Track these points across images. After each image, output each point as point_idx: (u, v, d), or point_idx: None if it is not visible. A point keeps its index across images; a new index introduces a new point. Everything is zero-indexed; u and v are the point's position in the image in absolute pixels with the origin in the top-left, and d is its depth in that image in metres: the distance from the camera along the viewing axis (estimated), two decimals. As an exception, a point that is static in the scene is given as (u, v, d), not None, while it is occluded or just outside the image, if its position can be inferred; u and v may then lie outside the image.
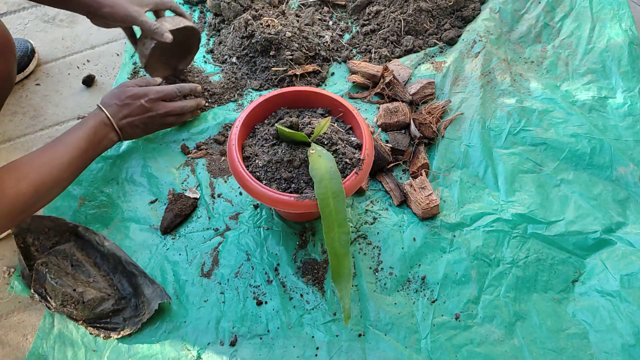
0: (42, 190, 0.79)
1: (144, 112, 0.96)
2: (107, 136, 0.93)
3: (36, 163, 0.80)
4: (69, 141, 0.86)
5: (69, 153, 0.85)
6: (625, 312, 0.85)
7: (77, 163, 0.87)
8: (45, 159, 0.81)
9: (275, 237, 0.97)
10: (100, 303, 0.88)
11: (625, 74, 1.14)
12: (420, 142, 1.06)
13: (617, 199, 0.99)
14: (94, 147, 0.90)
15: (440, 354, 0.84)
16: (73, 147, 0.86)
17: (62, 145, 0.85)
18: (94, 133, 0.89)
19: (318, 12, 1.32)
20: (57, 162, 0.83)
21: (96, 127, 0.90)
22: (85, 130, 0.89)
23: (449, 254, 0.94)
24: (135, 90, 0.95)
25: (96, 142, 0.90)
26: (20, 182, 0.76)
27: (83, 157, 0.88)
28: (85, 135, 0.88)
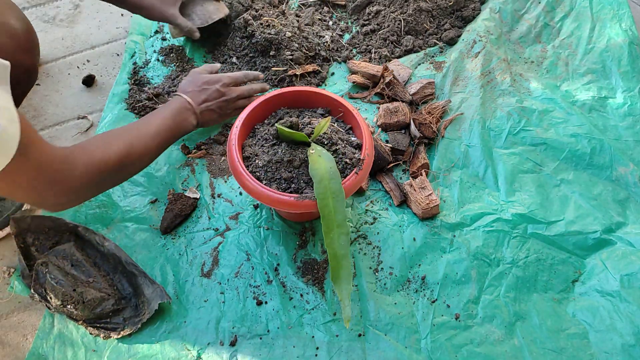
0: (128, 160, 0.81)
1: (219, 96, 0.99)
2: (188, 119, 0.95)
3: (124, 135, 0.83)
4: (154, 119, 0.89)
5: (154, 129, 0.87)
6: (625, 312, 0.85)
7: (161, 139, 0.88)
8: (132, 132, 0.84)
9: (275, 237, 0.97)
10: (100, 303, 0.88)
11: (625, 74, 1.14)
12: (420, 142, 1.06)
13: (617, 199, 0.99)
14: (177, 126, 0.92)
15: (440, 354, 0.84)
16: (159, 124, 0.89)
17: (148, 123, 0.88)
18: (177, 113, 0.93)
19: (318, 12, 1.32)
20: (144, 136, 0.85)
21: (180, 109, 0.94)
22: (169, 110, 0.92)
23: (449, 254, 0.94)
24: (210, 77, 1.00)
25: (179, 122, 0.93)
26: (108, 150, 0.78)
27: (167, 134, 0.90)
28: (170, 114, 0.91)
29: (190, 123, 0.95)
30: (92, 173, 0.75)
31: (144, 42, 1.27)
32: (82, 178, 0.74)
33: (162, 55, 1.24)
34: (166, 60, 1.23)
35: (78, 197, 0.77)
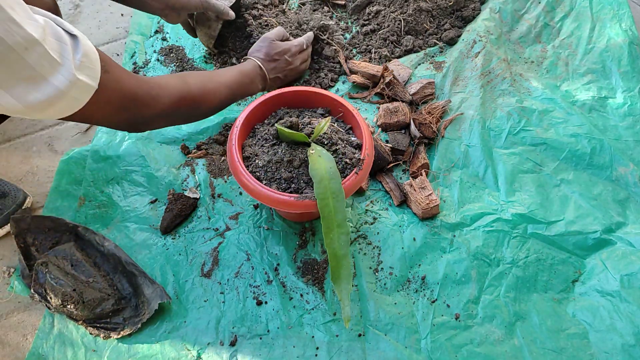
0: (202, 100, 0.87)
1: (287, 66, 1.05)
2: (257, 83, 1.00)
3: (200, 77, 0.89)
4: (229, 72, 0.95)
5: (227, 79, 0.93)
6: (625, 312, 0.85)
7: (231, 91, 0.93)
8: (207, 77, 0.90)
9: (275, 237, 0.97)
10: (100, 303, 0.88)
11: (625, 74, 1.14)
12: (420, 142, 1.06)
13: (617, 199, 0.99)
14: (246, 85, 0.97)
15: (440, 354, 0.84)
16: (231, 77, 0.94)
17: (222, 74, 0.94)
18: (249, 74, 0.98)
19: (318, 11, 1.32)
20: (217, 83, 0.91)
21: (252, 71, 0.99)
22: (243, 69, 0.98)
23: (449, 254, 0.94)
24: (281, 46, 1.04)
25: (248, 83, 0.98)
26: (188, 83, 0.85)
27: (237, 88, 0.95)
28: (243, 73, 0.97)
29: (257, 87, 1.00)
30: (172, 101, 0.81)
31: (144, 42, 1.27)
32: (163, 103, 0.80)
33: (162, 55, 1.24)
34: (166, 60, 1.23)
35: (159, 122, 0.84)
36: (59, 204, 1.01)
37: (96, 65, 0.65)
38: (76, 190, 1.03)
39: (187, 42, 1.26)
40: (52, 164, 1.09)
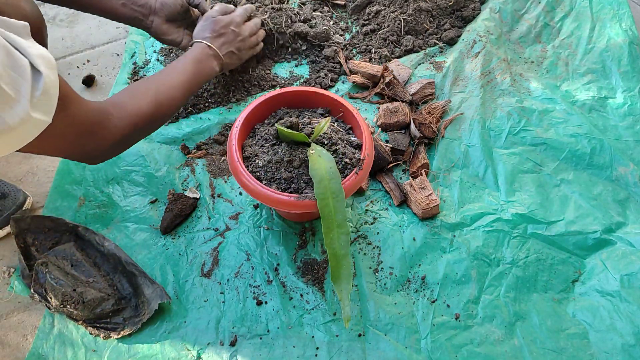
0: (157, 112, 0.83)
1: (235, 37, 1.01)
2: (211, 64, 0.96)
3: (150, 87, 0.85)
4: (178, 68, 0.91)
5: (179, 78, 0.89)
6: (625, 312, 0.85)
7: (186, 88, 0.90)
8: (158, 83, 0.86)
9: (275, 237, 0.97)
10: (100, 303, 0.88)
11: (625, 74, 1.14)
12: (420, 142, 1.06)
13: (617, 199, 0.99)
14: (200, 73, 0.93)
15: (440, 354, 0.84)
16: (182, 72, 0.90)
17: (172, 72, 0.89)
18: (200, 60, 0.94)
19: (317, 11, 1.32)
20: (169, 86, 0.87)
21: (202, 55, 0.95)
22: (191, 58, 0.93)
23: (449, 254, 0.94)
24: (225, 19, 1.00)
25: (202, 69, 0.94)
26: (138, 103, 0.81)
27: (192, 81, 0.91)
28: (192, 61, 0.92)
29: (213, 68, 0.97)
30: (127, 126, 0.78)
31: (144, 42, 1.27)
32: (118, 131, 0.77)
33: (162, 55, 1.24)
34: (166, 60, 1.23)
35: (114, 150, 0.81)
36: (59, 204, 1.01)
37: (54, 101, 0.61)
38: (76, 190, 1.03)
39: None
40: (52, 164, 1.09)
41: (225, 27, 0.99)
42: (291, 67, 1.22)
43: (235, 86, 1.17)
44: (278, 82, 1.19)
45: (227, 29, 0.99)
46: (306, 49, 1.23)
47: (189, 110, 1.14)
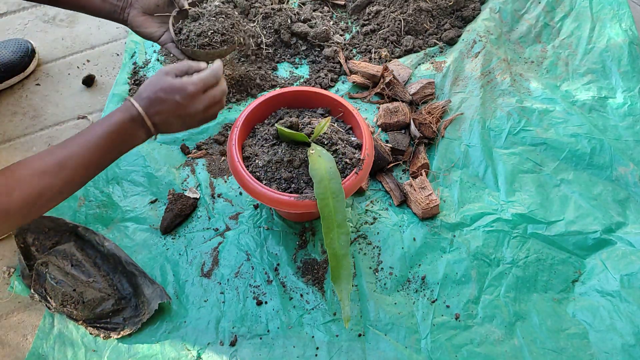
0: (47, 196, 0.71)
1: (178, 108, 0.78)
2: (136, 134, 0.78)
3: (41, 166, 0.71)
4: (88, 140, 0.75)
5: (86, 154, 0.74)
6: (625, 312, 0.85)
7: (95, 165, 0.75)
8: (54, 160, 0.72)
9: (275, 237, 0.97)
10: (100, 303, 0.88)
11: (625, 74, 1.14)
12: (420, 142, 1.06)
13: (617, 199, 0.99)
14: (117, 146, 0.77)
15: (440, 354, 0.84)
16: (91, 148, 0.74)
17: (78, 146, 0.74)
18: (118, 131, 0.76)
19: (317, 11, 1.32)
20: (70, 163, 0.72)
21: (123, 123, 0.76)
22: (109, 127, 0.76)
23: (449, 254, 0.94)
24: (170, 83, 0.77)
25: (120, 142, 0.77)
26: (14, 190, 0.67)
27: (102, 158, 0.76)
28: (108, 133, 0.75)
29: (138, 137, 0.79)
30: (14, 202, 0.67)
31: (144, 42, 1.26)
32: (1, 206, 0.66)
33: (162, 55, 1.24)
34: (166, 61, 1.23)
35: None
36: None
37: None
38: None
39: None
40: (52, 164, 1.09)
41: (167, 92, 0.76)
42: (291, 67, 1.22)
43: (236, 86, 1.17)
44: (278, 82, 1.19)
45: (170, 95, 0.76)
46: (306, 49, 1.23)
47: (189, 110, 1.14)
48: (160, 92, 0.76)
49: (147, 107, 0.77)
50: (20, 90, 1.20)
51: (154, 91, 0.77)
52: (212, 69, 0.80)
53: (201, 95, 0.79)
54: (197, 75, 0.78)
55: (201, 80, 0.78)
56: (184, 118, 0.79)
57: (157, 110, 0.77)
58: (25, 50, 1.19)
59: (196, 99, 0.78)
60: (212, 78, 0.80)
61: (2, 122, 1.15)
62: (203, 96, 0.79)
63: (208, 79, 0.79)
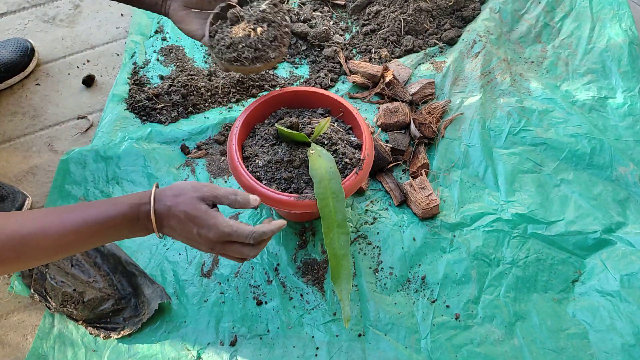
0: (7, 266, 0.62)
1: (190, 237, 0.67)
2: (135, 233, 0.68)
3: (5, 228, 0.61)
4: (80, 219, 0.64)
5: (69, 234, 0.63)
6: (625, 312, 0.85)
7: (67, 246, 0.64)
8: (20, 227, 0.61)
9: (275, 237, 0.97)
10: (100, 303, 0.88)
11: (625, 74, 1.14)
12: (420, 142, 1.06)
13: (617, 199, 0.99)
14: (109, 234, 0.67)
15: (440, 354, 0.84)
16: (79, 228, 0.64)
17: (60, 220, 0.63)
18: (126, 226, 0.66)
19: (317, 11, 1.32)
20: (38, 238, 0.61)
21: (135, 221, 0.66)
22: (109, 215, 0.65)
23: (449, 254, 0.94)
24: (198, 215, 0.65)
25: (115, 231, 0.66)
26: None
27: (83, 243, 0.65)
28: (104, 220, 0.65)
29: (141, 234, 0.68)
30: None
31: (144, 42, 1.26)
32: None
33: (162, 55, 1.24)
34: (166, 60, 1.23)
35: None
36: (59, 204, 1.01)
37: None
38: (76, 190, 1.03)
39: (187, 42, 1.26)
40: (52, 164, 1.09)
41: (192, 222, 0.66)
42: (291, 67, 1.22)
43: (236, 86, 1.17)
44: (278, 82, 1.19)
45: (193, 226, 0.66)
46: (306, 49, 1.23)
47: (189, 110, 1.14)
48: (182, 213, 0.65)
49: (164, 215, 0.66)
50: (20, 90, 1.20)
51: (182, 211, 0.65)
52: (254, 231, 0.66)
53: (221, 244, 0.67)
54: (233, 228, 0.65)
55: (230, 234, 0.66)
56: (191, 242, 0.69)
57: (172, 224, 0.67)
58: (25, 50, 1.19)
59: (212, 242, 0.67)
60: (249, 238, 0.67)
61: (2, 122, 1.15)
62: (223, 245, 0.68)
63: (245, 235, 0.66)
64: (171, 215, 0.66)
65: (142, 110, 1.13)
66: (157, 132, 1.09)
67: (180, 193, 0.66)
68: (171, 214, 0.66)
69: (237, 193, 0.69)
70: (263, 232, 0.67)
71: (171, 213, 0.66)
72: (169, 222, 0.67)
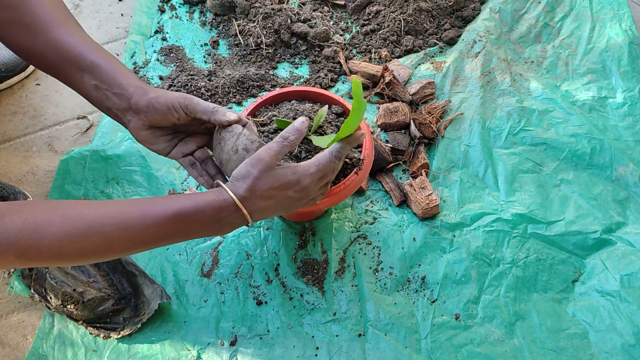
0: (66, 252, 0.58)
1: (288, 202, 0.67)
2: (218, 228, 0.65)
3: (83, 217, 0.58)
4: (162, 211, 0.61)
5: (150, 227, 0.61)
6: (625, 312, 0.85)
7: (145, 242, 0.62)
8: (99, 216, 0.59)
9: (275, 237, 0.97)
10: (100, 303, 0.88)
11: (625, 74, 1.14)
12: (420, 142, 1.06)
13: (617, 199, 0.99)
14: (185, 232, 0.64)
15: (440, 354, 0.84)
16: (159, 222, 0.61)
17: (140, 212, 0.61)
18: (206, 219, 0.63)
19: (317, 11, 1.32)
20: (118, 230, 0.59)
21: (216, 212, 0.63)
22: (197, 200, 0.62)
23: (449, 254, 0.94)
24: (287, 178, 0.64)
25: (198, 226, 0.63)
26: (30, 230, 0.56)
27: (161, 239, 0.63)
28: (189, 209, 0.62)
29: (223, 229, 0.66)
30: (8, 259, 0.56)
31: (144, 42, 1.27)
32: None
33: (162, 55, 1.24)
34: (166, 60, 1.23)
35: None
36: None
37: None
38: (76, 190, 1.03)
39: (187, 42, 1.27)
40: (52, 164, 1.09)
41: (280, 189, 0.64)
42: (291, 67, 1.22)
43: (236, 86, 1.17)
44: (278, 82, 1.19)
45: (284, 192, 0.65)
46: (306, 49, 1.23)
47: (189, 110, 1.14)
48: (270, 190, 0.64)
49: (248, 201, 0.64)
50: (20, 90, 1.20)
51: (261, 189, 0.63)
52: (333, 152, 0.67)
53: (315, 184, 0.67)
54: (316, 165, 0.66)
55: (318, 169, 0.66)
56: (290, 208, 0.69)
57: (262, 206, 0.65)
58: (25, 50, 1.19)
59: (309, 190, 0.66)
60: (333, 163, 0.67)
61: (2, 122, 1.15)
62: (317, 186, 0.67)
63: (328, 164, 0.67)
64: (256, 198, 0.63)
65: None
66: (157, 132, 1.09)
67: (247, 175, 0.63)
68: (256, 197, 0.63)
69: (288, 135, 0.66)
70: (340, 148, 0.68)
71: (256, 196, 0.63)
72: (258, 206, 0.64)
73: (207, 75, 1.18)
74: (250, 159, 0.64)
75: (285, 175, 0.64)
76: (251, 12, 1.24)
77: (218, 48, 1.26)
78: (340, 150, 0.68)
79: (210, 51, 1.25)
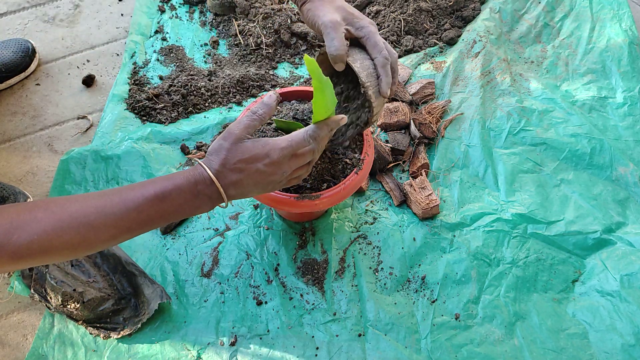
0: (55, 245, 0.58)
1: (260, 177, 0.67)
2: (197, 204, 0.65)
3: (66, 210, 0.59)
4: (140, 195, 0.62)
5: (131, 212, 0.61)
6: (625, 312, 0.85)
7: (129, 227, 0.62)
8: (81, 207, 0.60)
9: (275, 237, 0.97)
10: (100, 303, 0.88)
11: (625, 74, 1.14)
12: (420, 142, 1.06)
13: (617, 199, 0.99)
14: (166, 213, 0.64)
15: (440, 354, 0.84)
16: (140, 205, 0.61)
17: (120, 198, 0.61)
18: (181, 190, 0.64)
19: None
20: (100, 218, 0.60)
21: (192, 183, 0.64)
22: (176, 179, 0.64)
23: (449, 254, 0.94)
24: (253, 151, 0.65)
25: (174, 205, 0.64)
26: (18, 229, 0.56)
27: (142, 222, 0.63)
28: (167, 188, 0.63)
29: (198, 208, 0.66)
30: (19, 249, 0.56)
31: (144, 42, 1.27)
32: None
33: (162, 55, 1.24)
34: (166, 60, 1.23)
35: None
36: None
37: None
38: (76, 190, 1.03)
39: (187, 42, 1.27)
40: (52, 164, 1.09)
41: (249, 162, 0.65)
42: (291, 67, 1.22)
43: (236, 86, 1.17)
44: (278, 82, 1.19)
45: (253, 164, 0.65)
46: (306, 49, 1.23)
47: (189, 110, 1.14)
48: (239, 163, 0.65)
49: (221, 175, 0.65)
50: (20, 90, 1.20)
51: (230, 161, 0.65)
52: (308, 132, 0.67)
53: (290, 159, 0.67)
54: (288, 140, 0.66)
55: (289, 145, 0.66)
56: (265, 185, 0.68)
57: (233, 180, 0.65)
58: (26, 50, 1.19)
59: (282, 165, 0.66)
60: (307, 141, 0.67)
61: (2, 122, 1.15)
62: (290, 162, 0.67)
63: (302, 141, 0.67)
64: (227, 171, 0.65)
65: (142, 110, 1.13)
66: (157, 132, 1.10)
67: (219, 148, 0.65)
68: (227, 170, 0.65)
69: (257, 109, 0.67)
70: (316, 128, 0.68)
71: (227, 169, 0.65)
72: (230, 179, 0.65)
73: (207, 75, 1.18)
74: (222, 133, 0.67)
75: (254, 147, 0.65)
76: (251, 12, 1.24)
77: (218, 48, 1.26)
78: (316, 131, 0.67)
79: (210, 51, 1.25)
